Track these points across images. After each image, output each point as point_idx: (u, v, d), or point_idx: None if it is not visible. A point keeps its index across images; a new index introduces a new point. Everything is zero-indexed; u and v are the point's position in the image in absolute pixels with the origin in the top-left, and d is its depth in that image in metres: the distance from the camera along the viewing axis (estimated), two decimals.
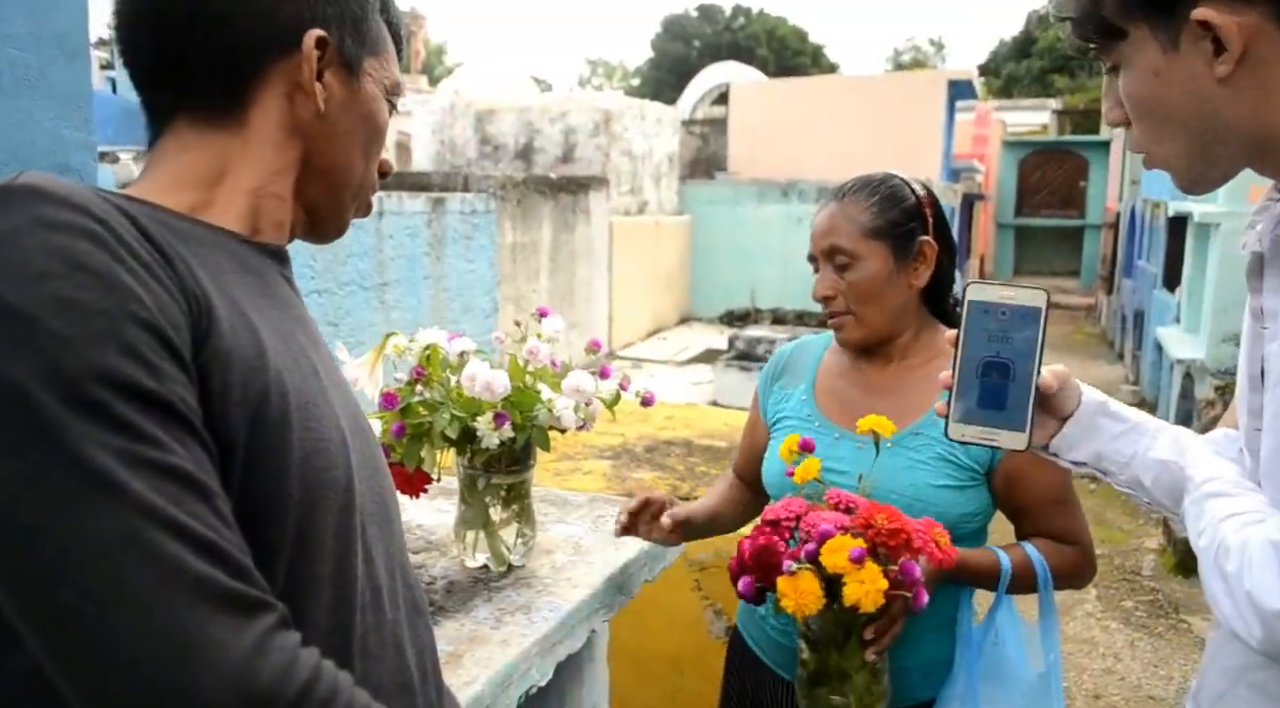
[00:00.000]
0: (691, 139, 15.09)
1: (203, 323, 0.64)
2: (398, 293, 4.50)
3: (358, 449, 0.77)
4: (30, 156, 1.54)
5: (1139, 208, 12.14)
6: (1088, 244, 20.96)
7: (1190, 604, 4.66)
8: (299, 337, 0.76)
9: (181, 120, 0.77)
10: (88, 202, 0.62)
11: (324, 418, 0.72)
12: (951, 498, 1.39)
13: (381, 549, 0.80)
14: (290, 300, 0.80)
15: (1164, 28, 0.82)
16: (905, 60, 44.44)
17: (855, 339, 1.48)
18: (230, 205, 0.77)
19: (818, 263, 1.49)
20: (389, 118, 0.88)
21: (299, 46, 0.76)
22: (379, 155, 0.88)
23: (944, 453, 1.40)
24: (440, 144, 10.79)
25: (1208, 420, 6.37)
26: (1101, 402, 1.05)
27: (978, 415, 0.99)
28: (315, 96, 0.78)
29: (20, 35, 1.52)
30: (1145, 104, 0.87)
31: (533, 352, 1.43)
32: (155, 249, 0.64)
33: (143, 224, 0.65)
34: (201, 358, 0.63)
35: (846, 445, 1.45)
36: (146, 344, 0.59)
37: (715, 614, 2.50)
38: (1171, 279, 9.22)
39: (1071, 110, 24.12)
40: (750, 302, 11.72)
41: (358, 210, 0.89)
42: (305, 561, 0.69)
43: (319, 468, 0.70)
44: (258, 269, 0.76)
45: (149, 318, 0.60)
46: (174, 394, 0.60)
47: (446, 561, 1.52)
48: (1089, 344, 13.68)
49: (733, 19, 37.06)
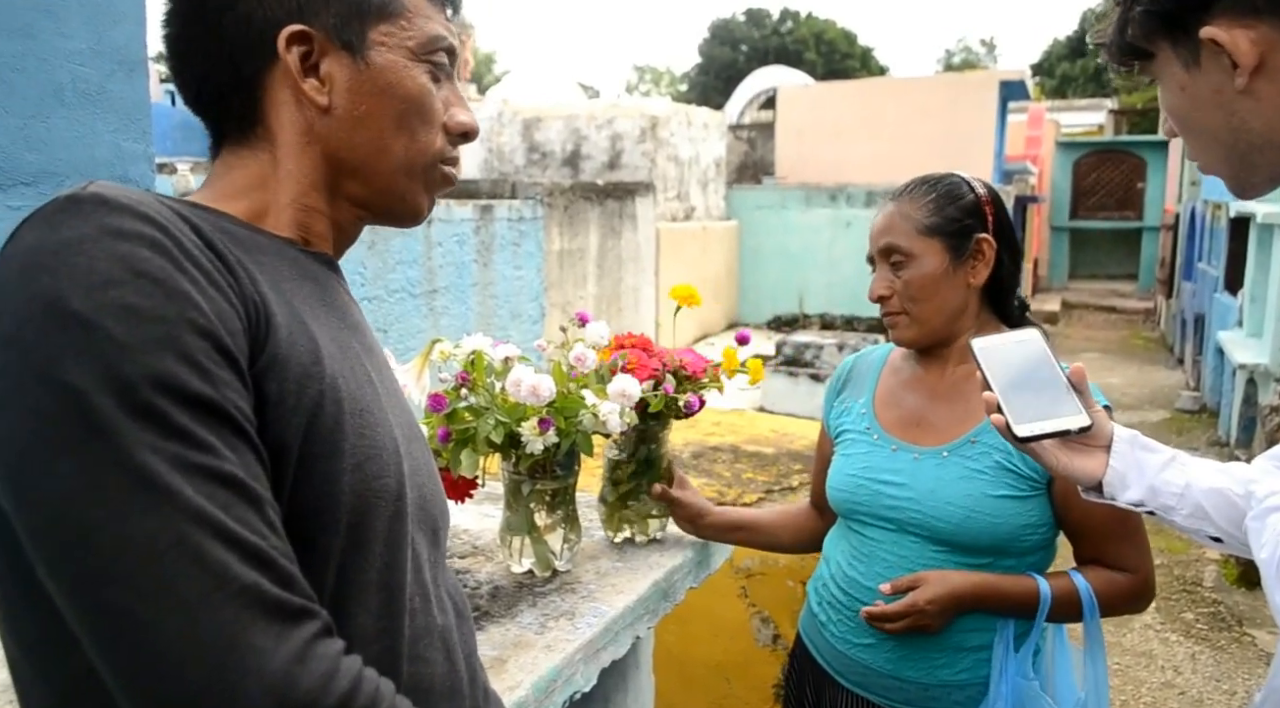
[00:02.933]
0: (738, 144, 15.05)
1: (261, 329, 0.65)
2: (446, 300, 4.55)
3: (411, 456, 0.77)
4: (91, 169, 1.59)
5: (1199, 209, 11.85)
6: (1145, 246, 20.48)
7: (1254, 617, 4.53)
8: (354, 344, 0.77)
9: (226, 142, 0.79)
10: (152, 210, 0.63)
11: (378, 425, 0.72)
12: (1011, 508, 1.35)
13: (429, 556, 0.80)
14: (346, 308, 0.81)
15: (1183, 45, 0.84)
16: (956, 61, 43.91)
17: (909, 338, 1.46)
18: (281, 216, 0.78)
19: (873, 263, 1.48)
20: (431, 78, 0.81)
21: (277, 51, 0.75)
22: (429, 122, 0.81)
23: (1002, 461, 1.36)
24: (488, 152, 10.89)
25: (1272, 427, 6.18)
26: (1132, 434, 1.05)
27: (1032, 414, 1.03)
28: (311, 94, 0.76)
29: (81, 51, 1.57)
30: (1180, 119, 0.89)
31: (580, 359, 1.44)
32: (216, 256, 0.65)
33: (205, 231, 0.66)
34: (258, 364, 0.64)
35: (904, 457, 1.44)
36: (203, 351, 0.60)
37: (762, 622, 2.48)
38: (1233, 282, 8.99)
39: (1128, 110, 23.61)
40: (798, 307, 11.64)
41: (432, 185, 0.84)
42: (355, 565, 0.70)
43: (371, 475, 0.70)
44: (315, 276, 0.77)
45: (207, 325, 0.61)
46: (228, 401, 0.61)
47: (492, 566, 1.53)
48: (1148, 349, 13.37)
49: (780, 23, 36.92)
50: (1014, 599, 1.35)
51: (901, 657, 1.39)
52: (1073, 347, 13.21)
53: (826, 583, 1.52)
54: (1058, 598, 1.35)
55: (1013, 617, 1.37)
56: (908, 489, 1.40)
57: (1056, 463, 1.05)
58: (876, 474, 1.44)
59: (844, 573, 1.47)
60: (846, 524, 1.51)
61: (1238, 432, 7.45)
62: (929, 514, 1.37)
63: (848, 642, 1.45)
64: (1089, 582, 1.37)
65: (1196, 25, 0.81)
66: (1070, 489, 1.34)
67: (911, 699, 1.40)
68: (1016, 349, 1.09)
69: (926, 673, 1.39)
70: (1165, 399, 9.67)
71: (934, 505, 1.37)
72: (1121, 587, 1.37)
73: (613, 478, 1.62)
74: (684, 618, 1.89)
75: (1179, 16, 0.82)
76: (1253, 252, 7.79)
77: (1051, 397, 1.04)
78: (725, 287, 11.64)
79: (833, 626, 1.48)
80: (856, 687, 1.45)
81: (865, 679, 1.43)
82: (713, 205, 11.73)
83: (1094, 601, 1.36)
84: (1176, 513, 1.01)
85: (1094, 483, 1.04)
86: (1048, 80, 33.92)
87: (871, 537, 1.45)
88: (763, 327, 11.59)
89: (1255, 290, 7.75)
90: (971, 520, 1.34)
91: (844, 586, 1.47)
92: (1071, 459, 1.05)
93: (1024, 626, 1.38)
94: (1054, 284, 21.19)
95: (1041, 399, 1.04)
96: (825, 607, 1.51)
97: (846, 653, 1.45)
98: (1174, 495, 1.00)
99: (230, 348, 0.62)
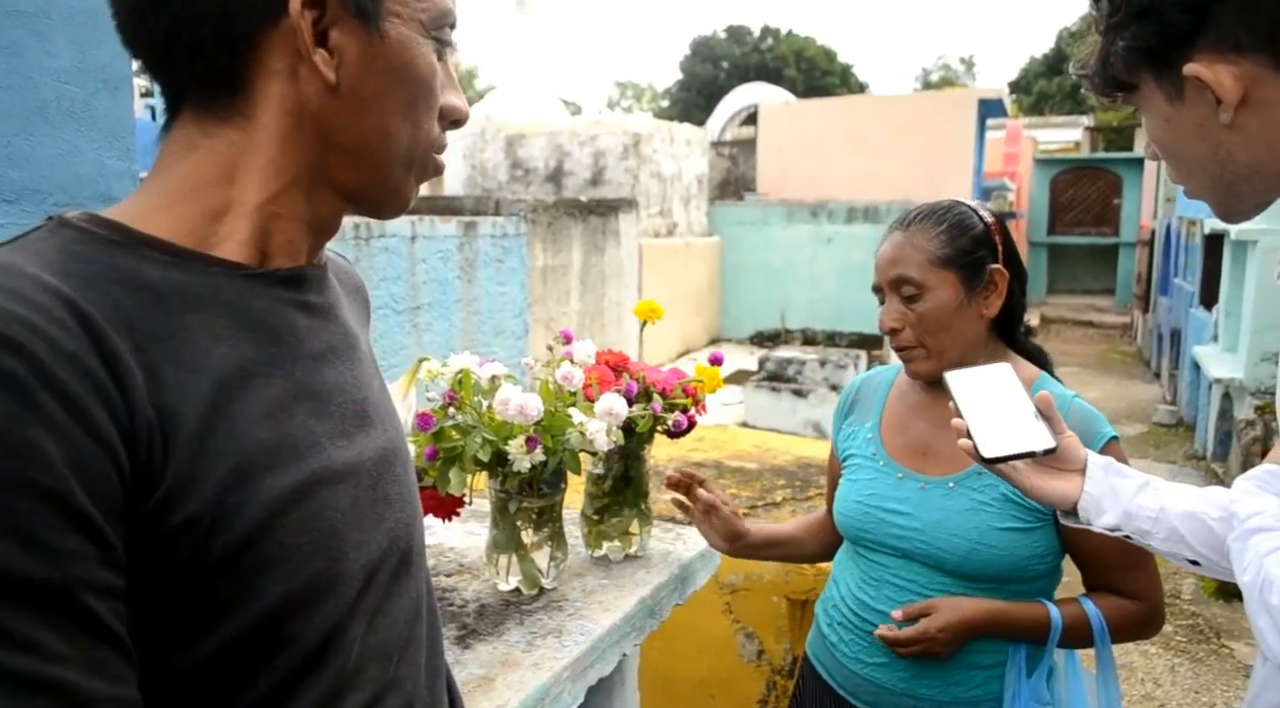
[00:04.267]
0: (720, 160, 15.13)
1: (156, 455, 0.56)
2: (430, 316, 4.54)
3: (381, 498, 0.72)
4: (75, 186, 1.58)
5: (1174, 225, 12.00)
6: (1122, 262, 20.73)
7: (1232, 629, 4.57)
8: (311, 387, 0.68)
9: (186, 109, 0.66)
10: (10, 324, 0.52)
11: (326, 505, 0.65)
12: (1017, 540, 1.35)
13: (403, 597, 0.75)
14: (305, 335, 0.70)
15: (1166, 79, 0.84)
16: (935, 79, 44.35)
17: (925, 371, 1.44)
18: (239, 224, 0.66)
19: (883, 294, 1.46)
20: (441, 58, 0.71)
21: (286, 9, 0.63)
22: (432, 108, 0.71)
23: (1009, 493, 1.36)
24: (471, 168, 10.90)
25: (1248, 440, 6.26)
26: (1108, 461, 1.08)
27: (999, 437, 1.08)
28: (320, 68, 0.64)
29: (66, 69, 1.57)
30: (1165, 148, 0.90)
31: (566, 377, 1.44)
32: (102, 360, 0.55)
33: (96, 325, 0.55)
34: (155, 496, 0.56)
35: (909, 486, 1.44)
36: (42, 519, 0.51)
37: (746, 638, 2.48)
38: (1209, 297, 9.10)
39: (1104, 127, 23.90)
40: (780, 322, 11.70)
41: (424, 175, 0.74)
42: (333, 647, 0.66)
43: (314, 573, 0.64)
44: (263, 319, 0.66)
45: (51, 485, 0.51)
46: (71, 579, 0.51)
47: (478, 584, 1.53)
48: (1124, 363, 13.50)
49: (761, 40, 37.20)
50: (1025, 626, 1.36)
51: (914, 675, 1.40)
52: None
53: (837, 604, 1.52)
54: (1069, 625, 1.36)
55: (1024, 643, 1.38)
56: (914, 520, 1.40)
57: (1030, 485, 1.08)
58: (883, 502, 1.44)
59: (854, 595, 1.48)
60: (854, 549, 1.51)
61: (1214, 445, 7.53)
62: (935, 546, 1.38)
63: (860, 661, 1.45)
64: (1099, 608, 1.37)
65: (1180, 60, 0.81)
66: None
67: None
68: (987, 379, 1.15)
69: (940, 691, 1.39)
70: (1142, 413, 9.76)
71: (940, 537, 1.37)
72: (1131, 614, 1.38)
73: (593, 494, 1.63)
74: (669, 634, 1.90)
75: (1162, 52, 0.82)
76: (1227, 267, 7.90)
77: (1019, 422, 1.09)
78: (708, 302, 11.68)
79: (844, 646, 1.48)
80: (869, 706, 1.44)
81: (878, 698, 1.43)
82: (695, 221, 11.79)
83: (1105, 627, 1.36)
84: (1153, 537, 1.03)
85: (1068, 506, 1.07)
86: (1025, 98, 34.31)
87: (879, 562, 1.45)
88: (745, 342, 11.63)
89: (1230, 305, 7.85)
90: (978, 553, 1.35)
91: (855, 608, 1.47)
92: (1044, 481, 1.08)
93: (1036, 649, 1.39)
94: (1032, 299, 21.29)
95: (1009, 424, 1.09)
96: (837, 628, 1.51)
97: (859, 673, 1.45)
98: (1149, 520, 1.02)
99: (83, 508, 0.52)
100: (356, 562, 0.68)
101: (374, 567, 0.70)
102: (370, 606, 0.70)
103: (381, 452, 0.74)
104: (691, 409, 1.58)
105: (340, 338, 0.74)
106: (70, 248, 0.59)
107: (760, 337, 11.65)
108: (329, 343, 0.72)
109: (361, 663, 0.69)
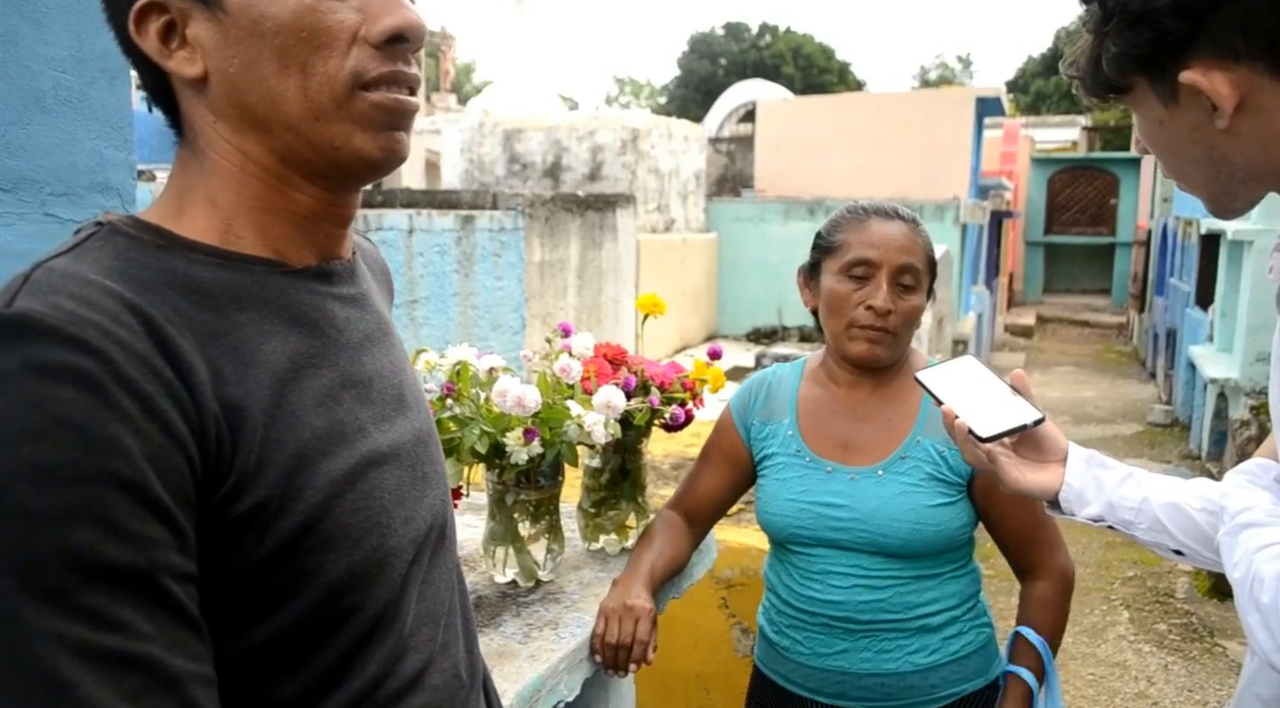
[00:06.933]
0: (718, 157, 15.12)
1: (225, 446, 0.60)
2: (427, 310, 4.54)
3: (420, 477, 0.76)
4: (72, 176, 1.58)
5: (1171, 225, 12.02)
6: (1118, 261, 20.75)
7: (1225, 628, 4.58)
8: (355, 374, 0.72)
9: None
10: (86, 327, 0.55)
11: (375, 486, 0.70)
12: (948, 514, 1.42)
13: (442, 568, 0.81)
14: (344, 326, 0.73)
15: (1160, 83, 0.84)
16: (932, 77, 44.34)
17: (886, 358, 1.48)
18: (243, 230, 0.69)
19: (868, 269, 1.44)
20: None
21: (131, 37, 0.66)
22: (326, 45, 0.65)
23: (932, 472, 1.43)
24: (469, 162, 10.88)
25: (1243, 440, 6.27)
26: (1090, 453, 1.09)
27: (988, 418, 1.11)
28: (184, 68, 0.66)
29: (63, 58, 1.56)
30: (1158, 148, 0.90)
31: (564, 370, 1.44)
32: (168, 360, 0.58)
33: (157, 323, 0.59)
34: (225, 487, 0.60)
35: (840, 478, 1.47)
36: (126, 509, 0.54)
37: (742, 633, 2.49)
38: (1204, 297, 9.12)
39: (1101, 127, 23.91)
40: (777, 319, 11.70)
41: (365, 118, 0.67)
42: (384, 625, 0.71)
43: (371, 549, 0.69)
44: (303, 312, 0.69)
45: (132, 476, 0.54)
46: (154, 564, 0.55)
47: (475, 575, 1.53)
48: (1120, 363, 13.52)
49: (759, 37, 37.17)
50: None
51: (876, 653, 1.44)
52: (1047, 360, 13.34)
53: (781, 610, 1.54)
54: (1035, 670, 1.44)
55: None
56: (850, 510, 1.43)
57: (1018, 477, 1.09)
58: (817, 497, 1.47)
59: (798, 594, 1.50)
60: (786, 549, 1.53)
61: (1209, 445, 7.54)
62: (876, 532, 1.42)
63: (819, 655, 1.47)
64: (1037, 632, 1.46)
65: (1174, 67, 0.81)
66: (990, 488, 1.41)
67: (892, 694, 1.44)
68: (957, 371, 1.20)
69: (902, 661, 1.43)
70: (1138, 413, 9.78)
71: (879, 523, 1.42)
72: (1053, 603, 1.48)
73: (590, 487, 1.63)
74: (665, 629, 1.89)
75: (1156, 59, 0.82)
76: (1223, 267, 7.91)
77: (1001, 403, 1.13)
78: (705, 298, 11.67)
79: (799, 646, 1.50)
80: (835, 698, 1.47)
81: (843, 687, 1.46)
82: (692, 218, 11.78)
83: (1047, 647, 1.46)
84: (1136, 528, 1.03)
85: (1051, 496, 1.08)
86: (1022, 97, 34.31)
87: (816, 555, 1.48)
88: (742, 338, 11.63)
89: (1226, 306, 7.86)
90: (917, 532, 1.41)
91: (802, 605, 1.49)
92: (1027, 473, 1.09)
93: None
94: (1029, 298, 21.41)
95: (993, 406, 1.12)
96: (786, 632, 1.53)
97: (820, 667, 1.47)
98: (1131, 510, 1.03)
99: (160, 498, 0.56)
100: (405, 537, 0.73)
101: (420, 540, 0.75)
102: (419, 576, 0.75)
103: (417, 433, 0.78)
104: (689, 403, 1.58)
105: (375, 325, 0.78)
106: (126, 254, 0.63)
107: (757, 333, 11.64)
108: (365, 332, 0.76)
109: (416, 627, 0.75)
